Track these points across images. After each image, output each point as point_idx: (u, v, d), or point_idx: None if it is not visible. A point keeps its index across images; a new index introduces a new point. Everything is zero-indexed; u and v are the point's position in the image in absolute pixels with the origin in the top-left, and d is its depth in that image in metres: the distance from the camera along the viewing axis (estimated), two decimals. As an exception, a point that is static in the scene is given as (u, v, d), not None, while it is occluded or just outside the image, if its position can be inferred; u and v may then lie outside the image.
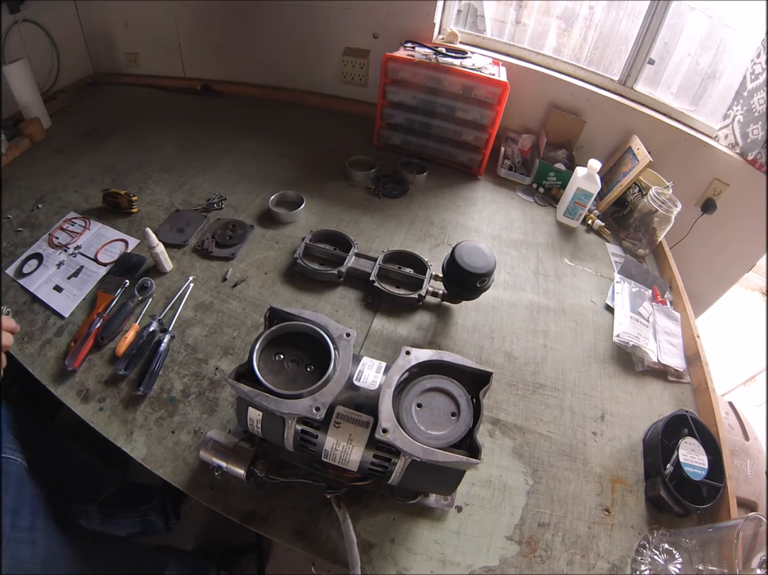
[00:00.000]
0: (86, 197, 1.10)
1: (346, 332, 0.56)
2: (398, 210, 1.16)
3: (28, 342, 0.79)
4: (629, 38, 1.32)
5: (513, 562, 0.61)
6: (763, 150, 1.15)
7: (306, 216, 1.10)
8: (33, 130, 1.26)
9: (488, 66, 1.20)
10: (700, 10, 1.43)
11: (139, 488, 1.12)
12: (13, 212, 1.04)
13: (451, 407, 0.52)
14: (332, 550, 0.59)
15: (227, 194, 1.14)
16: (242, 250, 0.99)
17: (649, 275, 1.08)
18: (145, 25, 1.51)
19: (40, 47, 1.38)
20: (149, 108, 1.50)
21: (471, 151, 1.29)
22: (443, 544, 0.62)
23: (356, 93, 1.52)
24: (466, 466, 0.50)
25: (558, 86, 1.33)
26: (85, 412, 0.70)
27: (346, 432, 0.52)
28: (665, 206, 1.08)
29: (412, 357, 0.55)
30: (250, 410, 0.54)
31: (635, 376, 0.87)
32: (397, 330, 0.87)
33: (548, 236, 1.16)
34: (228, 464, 0.59)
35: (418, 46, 1.23)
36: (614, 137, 1.32)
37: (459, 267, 0.79)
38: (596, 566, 0.62)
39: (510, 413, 0.77)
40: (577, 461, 0.73)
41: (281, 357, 0.54)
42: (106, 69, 1.64)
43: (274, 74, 1.57)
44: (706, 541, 0.59)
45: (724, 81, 1.41)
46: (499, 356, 0.86)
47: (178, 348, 0.80)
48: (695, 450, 0.70)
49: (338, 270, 0.92)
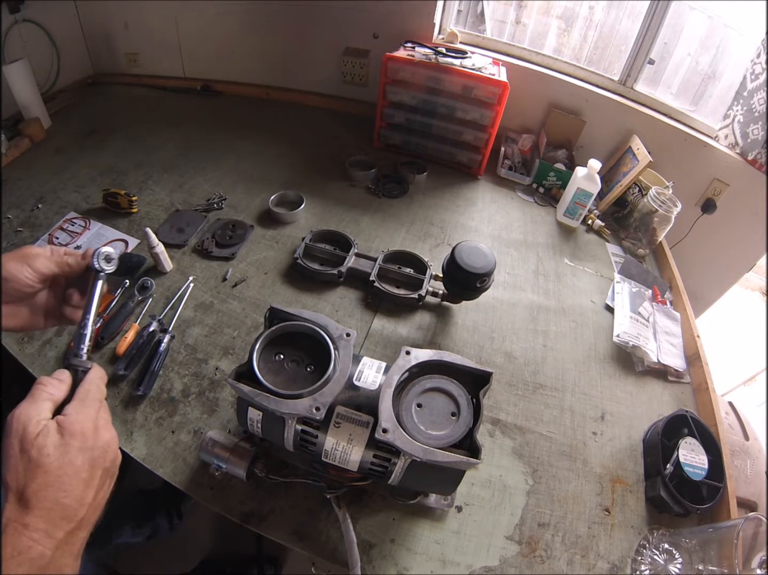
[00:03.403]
0: (86, 197, 1.10)
1: (346, 332, 0.56)
2: (398, 210, 1.16)
3: (28, 342, 0.79)
4: (629, 38, 1.32)
5: (513, 562, 0.61)
6: (763, 150, 1.15)
7: (306, 216, 1.10)
8: (33, 130, 1.26)
9: (488, 66, 1.20)
10: (700, 10, 1.42)
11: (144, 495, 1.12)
12: (13, 212, 1.04)
13: (451, 407, 0.52)
14: (332, 550, 0.59)
15: (227, 194, 1.14)
16: (242, 250, 0.99)
17: (649, 275, 1.08)
18: (145, 25, 1.51)
19: (40, 47, 1.38)
20: (149, 108, 1.50)
21: (471, 151, 1.29)
22: (443, 544, 0.62)
23: (356, 93, 1.52)
24: (466, 466, 0.50)
25: (558, 86, 1.33)
26: (85, 412, 0.70)
27: (346, 432, 0.52)
28: (665, 206, 1.08)
29: (412, 357, 0.55)
30: (250, 410, 0.54)
31: (635, 376, 0.87)
32: (397, 330, 0.87)
33: (548, 236, 1.16)
34: (228, 464, 0.59)
35: (418, 46, 1.23)
36: (614, 137, 1.32)
37: (459, 267, 0.79)
38: (596, 566, 0.62)
39: (510, 413, 0.77)
40: (577, 461, 0.73)
41: (281, 357, 0.54)
42: (106, 69, 1.64)
43: (274, 74, 1.57)
44: (706, 541, 0.59)
45: (724, 81, 1.41)
46: (499, 356, 0.86)
47: (178, 348, 0.80)
48: (695, 450, 0.70)
49: (338, 270, 0.92)
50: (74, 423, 0.38)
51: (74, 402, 0.40)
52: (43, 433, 0.36)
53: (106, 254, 0.49)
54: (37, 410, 0.38)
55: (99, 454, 0.39)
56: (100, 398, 0.43)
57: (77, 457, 0.37)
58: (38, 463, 0.35)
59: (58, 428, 0.37)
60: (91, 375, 0.44)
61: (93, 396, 0.42)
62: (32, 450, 0.35)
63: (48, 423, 0.37)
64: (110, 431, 0.42)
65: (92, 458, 0.38)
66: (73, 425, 0.38)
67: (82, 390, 0.42)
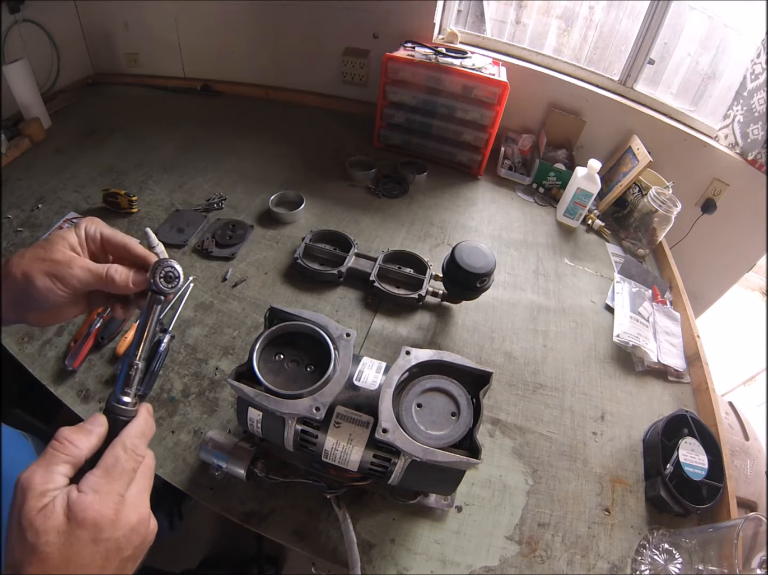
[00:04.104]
0: (86, 197, 1.10)
1: (346, 332, 0.56)
2: (398, 210, 1.16)
3: (28, 342, 0.79)
4: (629, 38, 1.32)
5: (513, 562, 0.61)
6: (763, 150, 1.15)
7: (306, 216, 1.10)
8: (33, 130, 1.26)
9: (488, 66, 1.20)
10: (700, 10, 1.42)
11: None
12: (13, 212, 1.03)
13: (451, 407, 0.52)
14: (332, 550, 0.59)
15: (227, 194, 1.14)
16: (242, 250, 0.99)
17: (649, 275, 1.08)
18: (145, 25, 1.51)
19: (40, 47, 1.38)
20: (149, 108, 1.50)
21: (471, 151, 1.29)
22: (443, 544, 0.62)
23: (356, 93, 1.52)
24: (466, 466, 0.50)
25: (558, 86, 1.33)
26: (85, 412, 0.70)
27: (346, 431, 0.52)
28: (665, 206, 1.08)
29: (412, 357, 0.55)
30: (250, 410, 0.54)
31: (635, 376, 0.87)
32: (397, 330, 0.87)
33: (548, 236, 1.16)
34: (228, 464, 0.59)
35: (418, 46, 1.23)
36: (614, 137, 1.32)
37: (459, 267, 0.79)
38: (596, 566, 0.62)
39: (510, 413, 0.77)
40: (577, 461, 0.73)
41: (281, 357, 0.54)
42: (106, 69, 1.64)
43: (274, 74, 1.57)
44: (706, 541, 0.59)
45: (724, 81, 1.41)
46: (499, 356, 0.86)
47: (178, 348, 0.80)
48: (695, 450, 0.70)
49: (338, 270, 0.92)
50: (87, 509, 0.29)
51: (97, 472, 0.31)
52: (46, 512, 0.29)
53: (168, 269, 0.38)
54: (44, 478, 0.30)
55: (118, 545, 0.31)
56: (134, 466, 0.33)
57: (86, 549, 0.29)
58: (34, 549, 0.28)
59: (66, 509, 0.29)
60: (132, 430, 0.35)
61: (124, 466, 0.33)
62: (29, 531, 0.28)
63: (56, 498, 0.29)
64: (139, 510, 0.33)
65: (107, 549, 0.30)
66: (85, 512, 0.29)
67: (110, 456, 0.33)
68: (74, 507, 0.29)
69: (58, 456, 0.31)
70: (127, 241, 0.42)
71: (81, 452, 0.32)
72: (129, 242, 0.42)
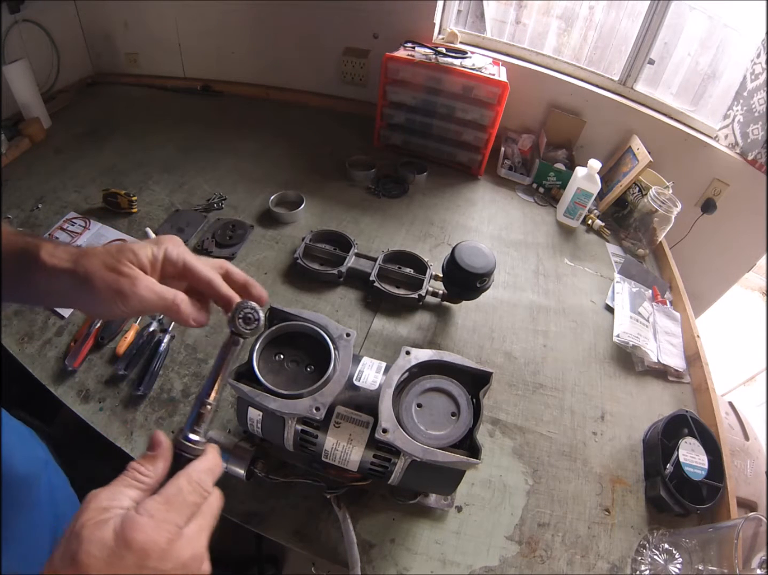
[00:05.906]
0: (86, 197, 1.10)
1: (346, 332, 0.56)
2: (398, 210, 1.16)
3: (28, 342, 0.79)
4: (629, 38, 1.32)
5: (513, 562, 0.61)
6: (763, 150, 1.15)
7: (306, 216, 1.10)
8: (33, 130, 1.26)
9: (488, 66, 1.20)
10: (700, 10, 1.43)
11: None
12: (13, 212, 1.03)
13: (451, 407, 0.52)
14: (332, 550, 0.59)
15: (227, 194, 1.14)
16: (242, 250, 0.99)
17: (649, 275, 1.08)
18: (145, 25, 1.51)
19: (40, 47, 1.38)
20: (149, 108, 1.50)
21: (471, 151, 1.29)
22: (443, 544, 0.62)
23: (356, 93, 1.52)
24: (466, 466, 0.50)
25: (558, 86, 1.33)
26: (85, 412, 0.70)
27: (346, 431, 0.52)
28: (665, 206, 1.08)
29: (412, 357, 0.55)
30: (250, 410, 0.54)
31: (635, 376, 0.87)
32: (397, 330, 0.87)
33: (548, 236, 1.16)
34: (228, 464, 0.59)
35: (418, 46, 1.23)
36: (614, 137, 1.32)
37: (459, 267, 0.79)
38: (596, 566, 0.62)
39: (510, 413, 0.77)
40: (577, 461, 0.73)
41: (281, 357, 0.54)
42: (106, 69, 1.63)
43: (274, 74, 1.57)
44: (706, 541, 0.59)
45: (724, 81, 1.41)
46: (499, 356, 0.86)
47: (178, 348, 0.80)
48: (695, 450, 0.70)
49: (338, 270, 0.92)
50: (138, 530, 0.28)
51: (157, 498, 0.30)
52: (99, 524, 0.28)
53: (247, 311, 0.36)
54: (110, 494, 0.30)
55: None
56: (197, 500, 0.32)
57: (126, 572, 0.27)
58: (73, 558, 0.27)
59: (118, 527, 0.28)
60: (199, 465, 0.33)
61: (186, 497, 0.31)
62: (75, 538, 0.27)
63: (115, 517, 0.29)
64: (194, 547, 0.30)
65: None
66: (134, 533, 0.28)
67: (173, 486, 0.31)
68: (125, 524, 0.28)
69: (126, 479, 0.31)
70: (212, 277, 0.40)
71: (148, 477, 0.32)
72: (214, 278, 0.40)
